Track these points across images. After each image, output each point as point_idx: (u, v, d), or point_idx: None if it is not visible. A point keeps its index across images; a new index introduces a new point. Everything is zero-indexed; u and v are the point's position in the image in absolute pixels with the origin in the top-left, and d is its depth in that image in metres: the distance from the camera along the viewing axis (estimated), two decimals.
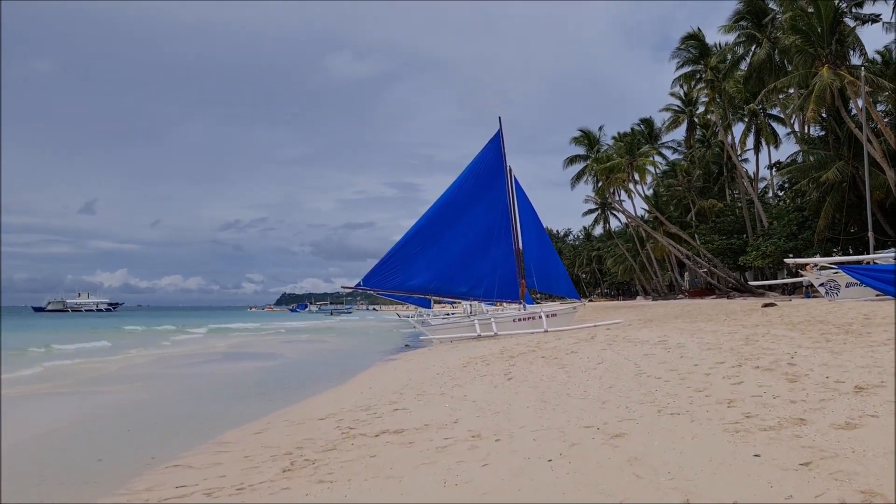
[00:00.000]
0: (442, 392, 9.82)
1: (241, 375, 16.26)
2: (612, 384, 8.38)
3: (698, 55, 40.10)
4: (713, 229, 50.04)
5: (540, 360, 12.51)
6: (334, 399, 10.90)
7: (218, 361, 20.65)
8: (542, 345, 15.87)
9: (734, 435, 4.95)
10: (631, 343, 12.95)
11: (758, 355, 8.83)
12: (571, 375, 9.73)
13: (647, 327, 17.11)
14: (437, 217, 25.98)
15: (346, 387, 12.66)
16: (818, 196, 30.12)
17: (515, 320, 24.68)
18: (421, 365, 15.39)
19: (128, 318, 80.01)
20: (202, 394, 12.60)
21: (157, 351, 25.58)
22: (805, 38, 26.79)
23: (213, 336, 38.95)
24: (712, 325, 15.11)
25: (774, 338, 10.57)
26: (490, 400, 8.46)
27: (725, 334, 12.12)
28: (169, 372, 17.37)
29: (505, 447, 5.60)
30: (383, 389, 11.34)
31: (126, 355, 23.01)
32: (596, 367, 10.25)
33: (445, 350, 19.13)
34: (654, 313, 28.14)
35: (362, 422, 8.00)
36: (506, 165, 27.20)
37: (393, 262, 25.46)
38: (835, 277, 22.25)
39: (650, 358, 10.28)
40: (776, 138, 43.40)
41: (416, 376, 12.79)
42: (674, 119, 54.94)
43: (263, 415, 9.63)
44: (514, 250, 26.59)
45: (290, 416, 9.21)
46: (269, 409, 10.31)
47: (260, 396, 12.00)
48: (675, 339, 12.55)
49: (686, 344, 11.36)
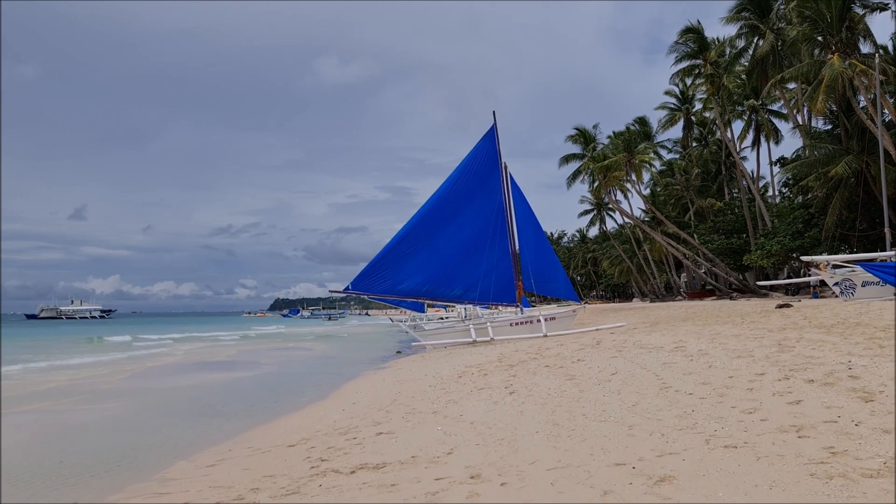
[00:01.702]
0: (434, 410, 8.50)
1: (213, 389, 14.74)
2: (635, 401, 7.08)
3: (697, 49, 38.91)
4: (712, 229, 48.87)
5: (543, 369, 11.21)
6: (311, 418, 9.55)
7: (192, 372, 19.12)
8: (543, 351, 14.58)
9: (828, 483, 3.64)
10: (644, 349, 11.66)
11: (803, 365, 7.55)
12: (583, 389, 8.43)
13: (656, 331, 15.83)
14: (429, 217, 24.60)
15: (328, 402, 11.30)
16: (825, 192, 28.97)
17: (512, 324, 23.36)
18: (412, 375, 14.05)
19: (116, 327, 77.75)
20: (164, 413, 11.18)
21: (129, 362, 24.09)
22: (813, 26, 25.63)
23: (193, 343, 37.21)
24: (729, 328, 13.83)
25: (812, 343, 9.29)
26: (491, 421, 7.14)
27: (751, 339, 10.84)
28: (135, 386, 15.87)
29: (514, 495, 4.28)
30: (368, 405, 10.01)
31: (89, 368, 21.56)
32: (610, 378, 8.96)
33: (439, 357, 17.80)
34: (658, 315, 26.88)
35: (338, 451, 6.66)
36: (501, 162, 25.86)
37: (383, 264, 24.08)
38: (850, 276, 21.05)
39: (671, 368, 9.00)
40: (777, 134, 42.29)
41: (406, 389, 11.46)
42: (670, 117, 53.69)
43: (226, 439, 8.27)
44: (511, 251, 25.26)
45: (256, 441, 7.85)
46: (234, 430, 8.95)
47: (228, 415, 10.61)
48: (694, 344, 11.27)
49: (709, 350, 10.07)
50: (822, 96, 24.30)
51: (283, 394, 13.19)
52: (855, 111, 25.74)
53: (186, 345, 36.03)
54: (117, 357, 26.29)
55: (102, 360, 24.52)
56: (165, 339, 41.60)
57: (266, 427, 9.03)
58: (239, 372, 18.95)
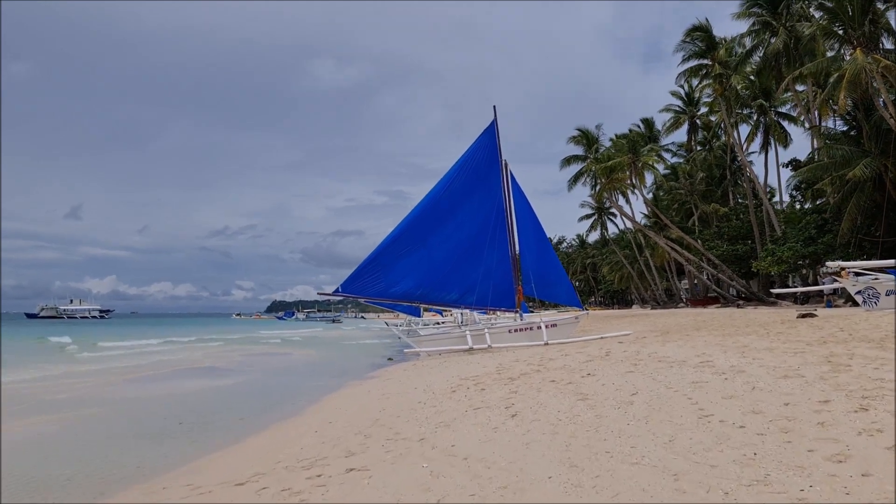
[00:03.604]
0: (421, 436, 7.06)
1: (175, 400, 13.01)
2: (670, 435, 5.64)
3: (705, 48, 37.55)
4: (717, 234, 47.44)
5: (549, 384, 9.77)
6: (276, 441, 8.10)
7: (160, 381, 17.45)
8: (546, 362, 13.16)
9: None
10: (663, 363, 10.22)
11: (876, 391, 6.12)
12: (600, 414, 6.99)
13: (669, 341, 14.39)
14: (425, 216, 23.11)
15: (301, 420, 9.82)
16: (840, 196, 27.56)
17: (511, 331, 21.92)
18: (401, 387, 12.60)
19: (118, 328, 75.47)
20: (103, 431, 9.62)
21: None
22: (833, 18, 24.22)
23: (173, 347, 35.42)
24: (755, 339, 12.41)
25: (871, 361, 7.86)
26: (489, 457, 5.70)
27: (789, 354, 9.41)
28: (87, 396, 14.22)
29: None
30: (345, 426, 8.56)
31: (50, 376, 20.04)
32: (631, 400, 7.52)
33: (432, 366, 16.35)
34: (665, 323, 25.43)
35: (294, 494, 5.23)
36: (501, 159, 24.41)
37: (375, 266, 22.57)
38: (874, 284, 19.70)
39: (704, 388, 7.57)
40: (786, 137, 40.88)
41: (392, 405, 10.02)
42: (675, 120, 52.30)
43: (164, 471, 6.81)
44: (511, 253, 23.80)
45: (200, 475, 6.39)
46: (179, 458, 7.48)
47: (178, 436, 9.08)
48: (721, 358, 9.84)
49: (743, 367, 8.63)
50: (843, 92, 22.92)
51: (252, 407, 11.67)
52: (877, 109, 24.30)
53: (171, 347, 34.48)
54: (90, 362, 24.76)
55: (77, 368, 22.95)
56: (161, 341, 39.89)
57: (219, 454, 7.56)
58: (214, 380, 17.41)
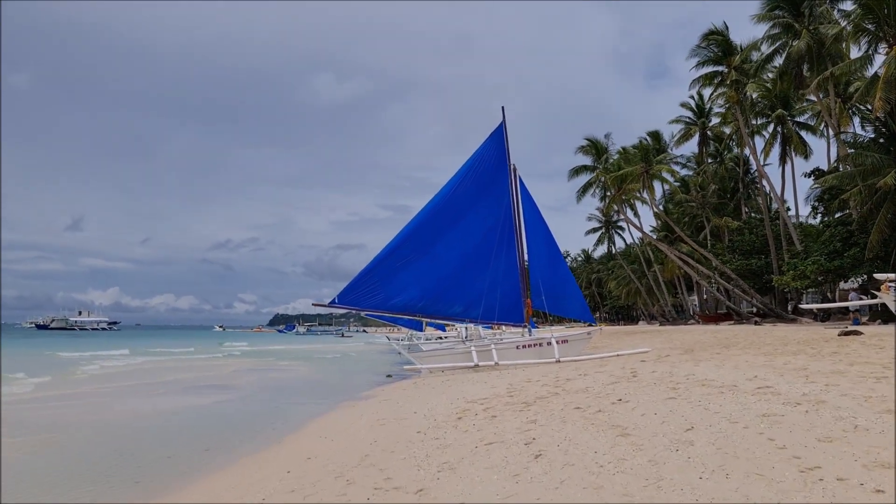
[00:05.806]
0: (420, 486, 5.43)
1: (138, 424, 11.33)
2: (769, 498, 4.01)
3: (721, 54, 36.12)
4: (730, 248, 45.74)
5: (573, 411, 8.15)
6: (239, 484, 6.48)
7: (150, 396, 15.89)
8: (563, 382, 11.54)
9: None
10: (708, 388, 8.57)
11: None
12: (654, 459, 5.34)
13: (701, 360, 12.74)
14: (427, 224, 21.54)
15: (275, 452, 8.19)
16: (868, 207, 25.95)
17: (520, 347, 20.24)
18: (398, 411, 10.97)
19: (126, 339, 73.82)
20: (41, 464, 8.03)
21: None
22: (866, 14, 22.73)
23: (173, 360, 33.99)
24: (807, 360, 10.76)
25: None
26: None
27: (871, 379, 7.78)
28: (45, 416, 12.67)
29: None
30: (325, 464, 6.94)
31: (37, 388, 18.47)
32: (689, 439, 5.87)
33: (434, 385, 14.73)
34: (684, 340, 23.70)
35: None
36: (509, 163, 22.90)
37: (373, 276, 20.98)
38: None
39: (781, 424, 5.93)
40: (805, 148, 39.29)
41: (386, 435, 8.39)
42: (685, 131, 50.74)
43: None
44: (519, 264, 22.18)
45: None
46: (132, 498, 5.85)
47: (123, 475, 7.40)
48: (781, 383, 8.21)
49: (822, 397, 6.98)
50: (880, 93, 21.41)
51: (223, 435, 10.01)
52: None
53: (160, 358, 32.91)
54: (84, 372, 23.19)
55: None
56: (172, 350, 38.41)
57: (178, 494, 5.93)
58: (191, 398, 15.76)
